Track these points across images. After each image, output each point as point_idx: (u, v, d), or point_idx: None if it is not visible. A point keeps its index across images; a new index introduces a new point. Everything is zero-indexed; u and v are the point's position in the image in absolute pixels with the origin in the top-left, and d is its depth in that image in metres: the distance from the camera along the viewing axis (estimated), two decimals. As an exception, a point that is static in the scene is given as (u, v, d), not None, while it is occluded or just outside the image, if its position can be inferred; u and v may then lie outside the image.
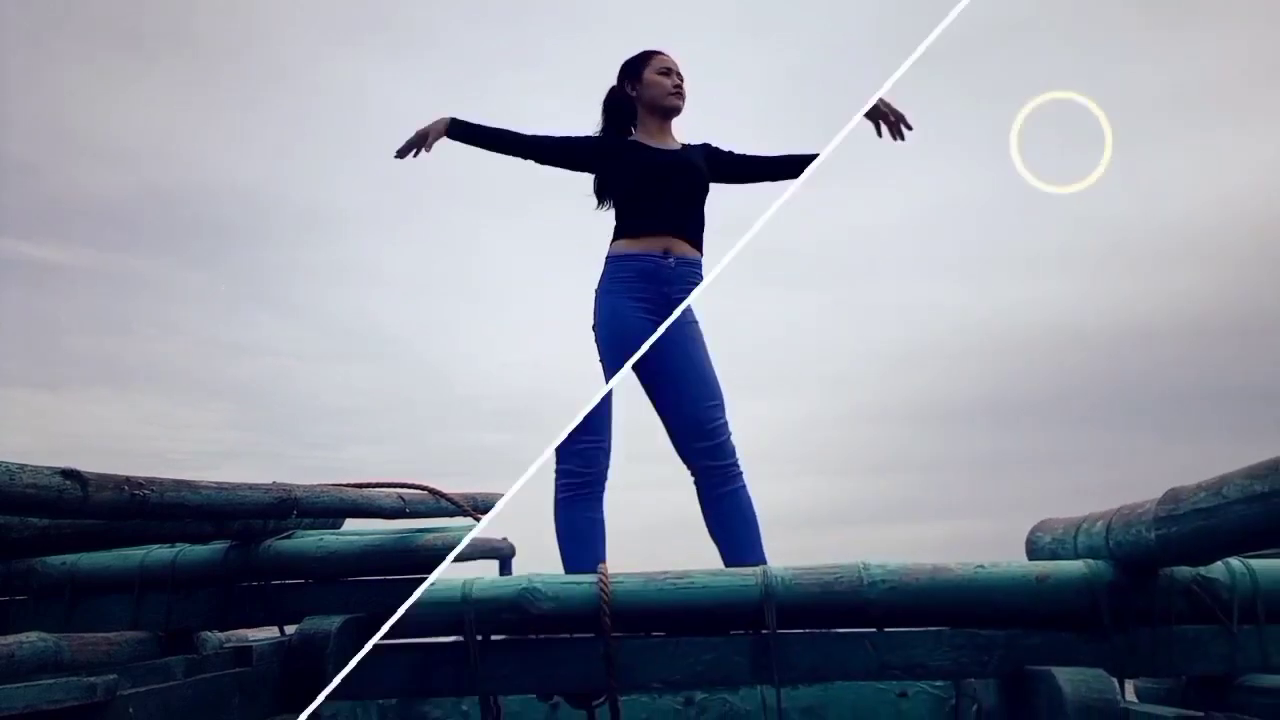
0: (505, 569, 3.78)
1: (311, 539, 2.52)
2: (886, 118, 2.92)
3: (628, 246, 3.09)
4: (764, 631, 1.97)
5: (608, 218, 3.13)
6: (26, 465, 1.64)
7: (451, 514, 2.83)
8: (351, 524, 2.82)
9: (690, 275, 3.08)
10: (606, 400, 2.80)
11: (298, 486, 2.33)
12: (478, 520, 2.70)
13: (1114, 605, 1.98)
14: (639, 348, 2.72)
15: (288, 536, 2.54)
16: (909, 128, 2.96)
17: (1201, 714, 1.73)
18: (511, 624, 2.01)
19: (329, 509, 2.47)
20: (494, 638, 2.05)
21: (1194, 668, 2.01)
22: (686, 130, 3.29)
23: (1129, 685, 2.01)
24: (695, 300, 2.93)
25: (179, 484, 2.00)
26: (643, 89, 3.25)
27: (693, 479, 2.72)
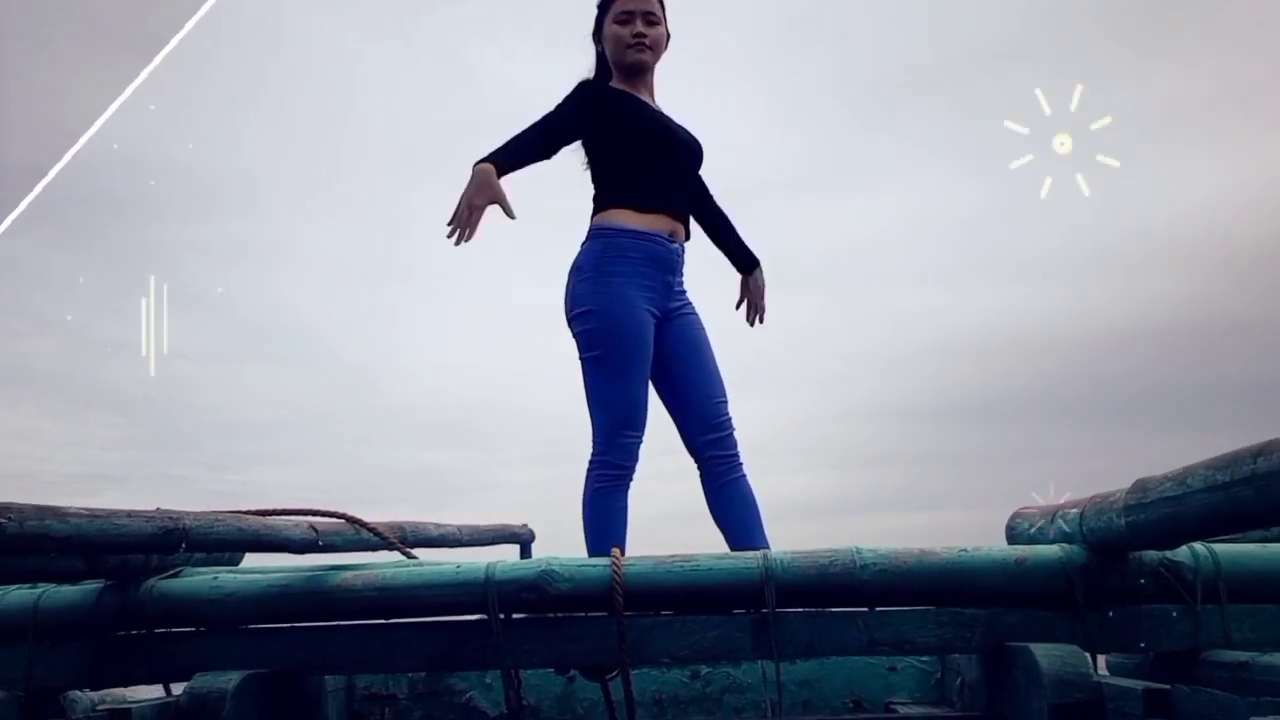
0: (525, 552, 4.40)
1: (204, 578, 2.31)
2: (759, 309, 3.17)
3: (633, 221, 2.85)
4: (764, 610, 2.14)
5: (565, 183, 2.95)
6: None
7: (375, 547, 2.66)
8: (253, 559, 2.63)
9: (683, 262, 2.99)
10: (639, 395, 2.83)
11: (187, 514, 2.12)
12: (408, 556, 2.44)
13: (1087, 586, 2.15)
14: (645, 342, 2.81)
15: (175, 575, 2.33)
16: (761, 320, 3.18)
17: (1168, 686, 1.86)
18: (531, 603, 2.17)
19: (225, 542, 2.26)
20: (515, 616, 2.21)
21: (1160, 644, 2.18)
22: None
23: (1101, 660, 2.19)
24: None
25: (42, 510, 1.79)
26: (605, 43, 2.99)
27: (698, 469, 2.89)
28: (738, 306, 3.13)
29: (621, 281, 2.75)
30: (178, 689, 2.15)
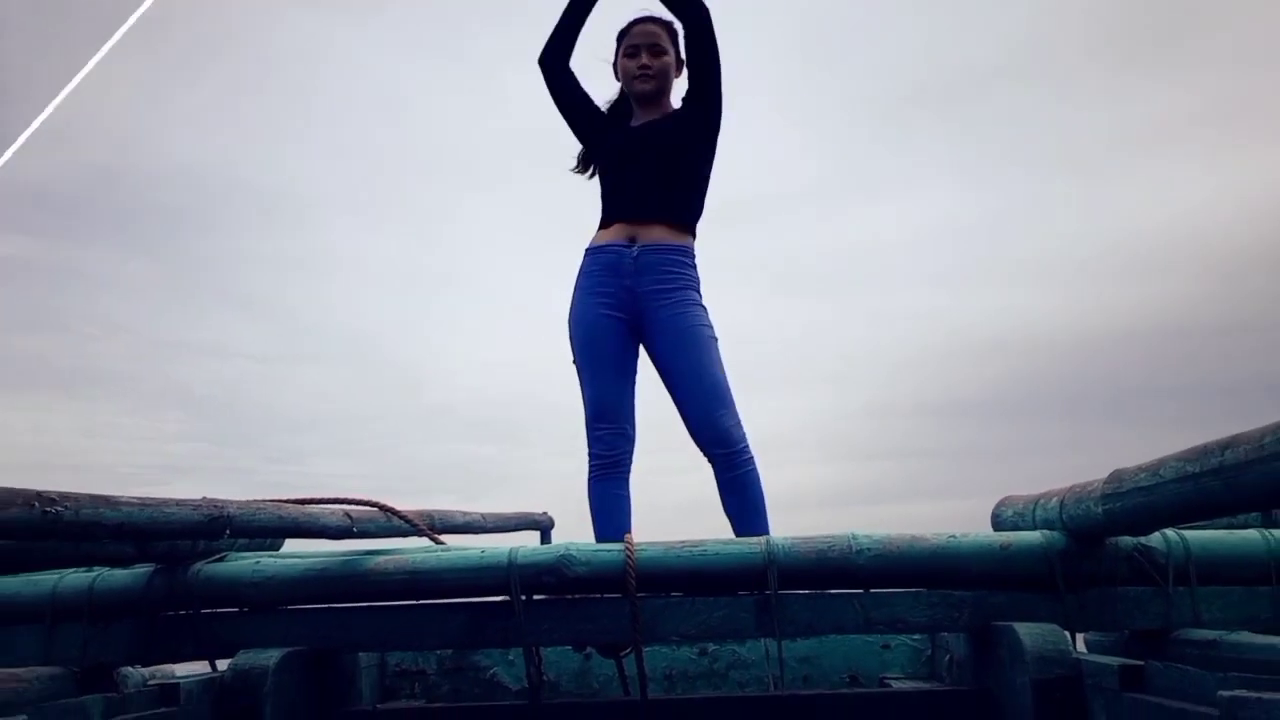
0: (545, 538, 4.48)
1: (247, 562, 2.33)
2: None
3: (597, 238, 3.02)
4: (767, 592, 2.19)
5: (593, 196, 3.06)
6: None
7: (406, 534, 2.67)
8: (292, 544, 2.63)
9: (663, 263, 2.93)
10: (604, 392, 2.91)
11: (231, 503, 2.14)
12: (436, 541, 2.42)
13: (1066, 570, 2.20)
14: (600, 344, 2.92)
15: (220, 559, 2.35)
16: None
17: (1141, 663, 1.86)
18: (550, 585, 2.20)
19: (267, 528, 2.26)
20: (535, 597, 2.24)
21: (1135, 623, 2.22)
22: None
23: (1079, 638, 2.24)
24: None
25: (96, 499, 1.80)
26: (618, 72, 3.10)
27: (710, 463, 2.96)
28: None
29: (580, 295, 2.93)
30: (222, 665, 2.16)
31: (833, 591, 2.23)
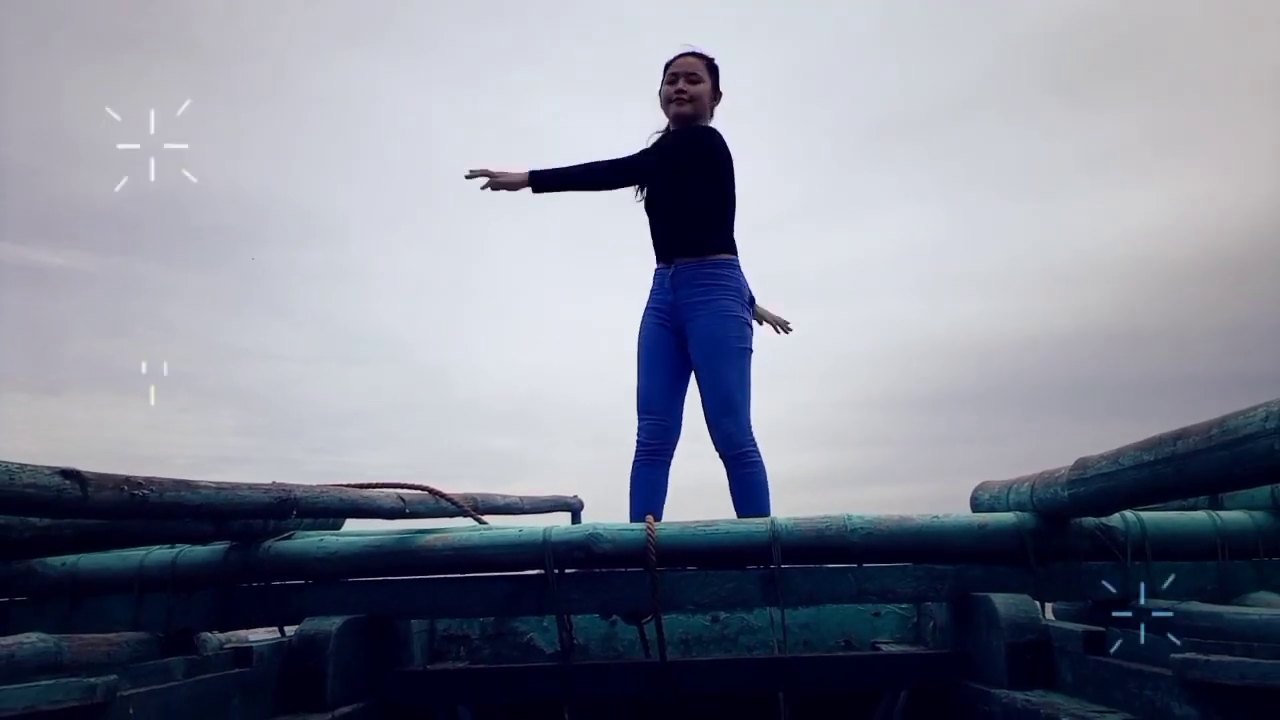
0: (576, 518, 4.55)
1: (312, 539, 2.35)
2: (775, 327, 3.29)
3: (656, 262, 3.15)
4: (772, 566, 2.22)
5: (613, 218, 3.12)
6: (26, 465, 1.48)
7: (451, 514, 2.68)
8: (351, 524, 2.64)
9: (696, 277, 2.99)
10: (647, 388, 3.01)
11: (297, 486, 2.15)
12: (479, 521, 2.43)
13: (1037, 546, 2.23)
14: (649, 348, 3.04)
15: (288, 537, 2.36)
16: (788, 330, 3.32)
17: (1103, 629, 1.89)
18: (580, 560, 2.23)
19: (329, 509, 2.28)
20: (567, 571, 2.27)
21: (1097, 594, 2.24)
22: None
23: (1048, 607, 2.26)
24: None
25: (178, 484, 1.83)
26: (661, 100, 3.13)
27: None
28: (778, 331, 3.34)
29: (645, 308, 3.08)
30: (290, 631, 2.18)
31: (830, 566, 2.26)
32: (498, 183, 2.89)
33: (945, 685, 2.19)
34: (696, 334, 2.92)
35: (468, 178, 2.89)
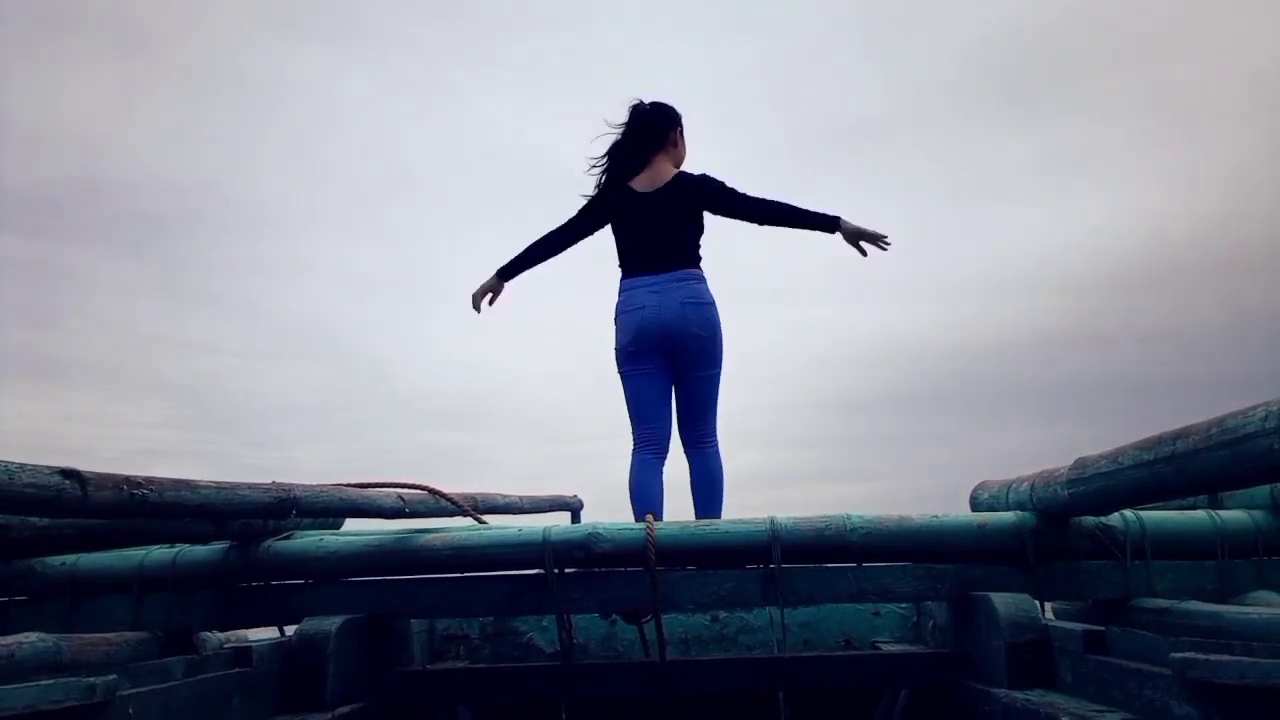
0: (575, 518, 4.54)
1: (311, 539, 2.35)
2: (875, 241, 2.99)
3: None
4: (771, 566, 2.22)
5: (551, 220, 3.18)
6: (26, 465, 1.48)
7: (451, 514, 2.69)
8: (351, 524, 2.65)
9: None
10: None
11: (297, 486, 2.15)
12: (479, 520, 2.42)
13: (1036, 546, 2.22)
14: None
15: (288, 537, 2.36)
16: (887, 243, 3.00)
17: (1102, 628, 1.88)
18: (580, 560, 2.22)
19: (329, 509, 2.28)
20: (567, 570, 2.26)
21: (1097, 593, 2.24)
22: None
23: (1048, 606, 2.25)
24: None
25: (178, 483, 1.83)
26: (681, 145, 3.22)
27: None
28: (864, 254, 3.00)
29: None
30: (290, 630, 2.18)
31: (829, 565, 2.25)
32: (478, 295, 3.15)
33: (945, 685, 2.19)
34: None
35: (473, 306, 3.16)
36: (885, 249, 2.94)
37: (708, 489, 2.93)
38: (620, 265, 3.07)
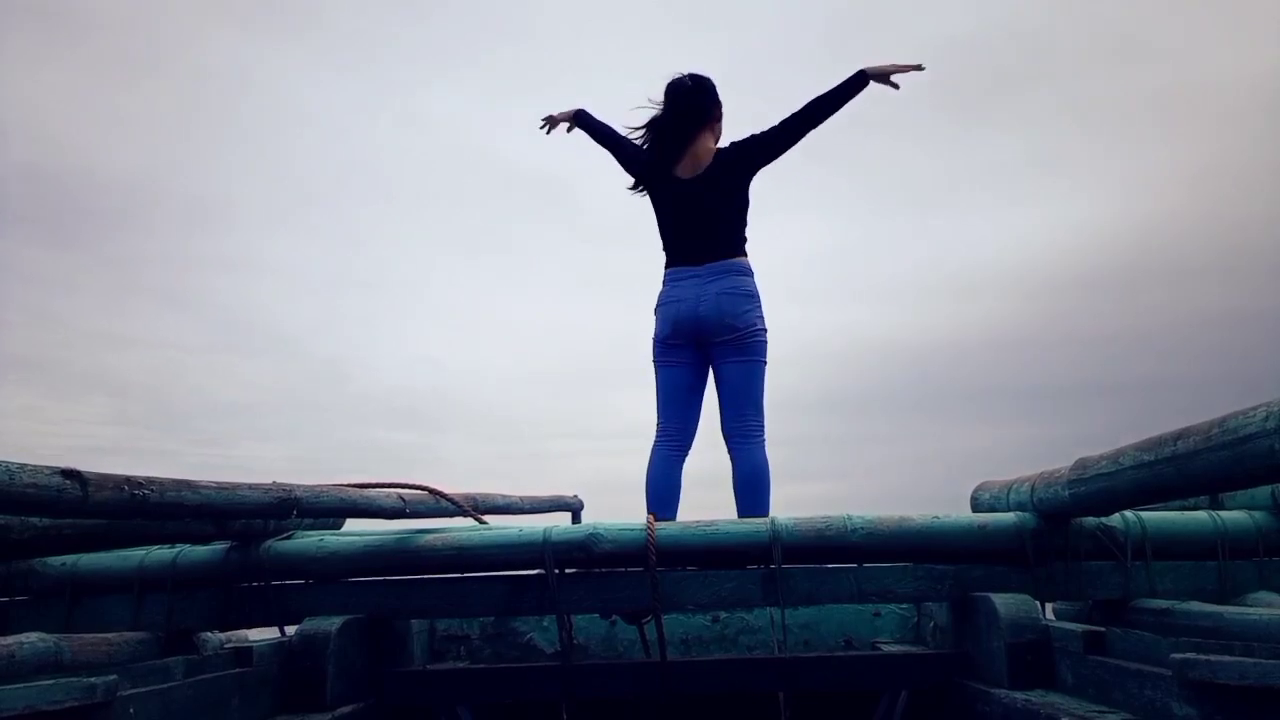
0: (576, 519, 4.54)
1: (312, 539, 2.34)
2: (906, 70, 2.95)
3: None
4: (772, 566, 2.21)
5: (503, 216, 3.21)
6: (26, 465, 1.48)
7: (451, 514, 2.69)
8: (351, 524, 2.64)
9: None
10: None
11: (297, 486, 2.15)
12: (479, 521, 2.43)
13: (1037, 546, 2.22)
14: None
15: (288, 537, 2.35)
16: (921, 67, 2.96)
17: (1103, 629, 1.88)
18: (580, 560, 2.22)
19: (329, 509, 2.29)
20: (567, 571, 2.26)
21: (1097, 593, 2.24)
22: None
23: (1048, 607, 2.25)
24: None
25: (178, 483, 1.83)
26: (719, 121, 3.15)
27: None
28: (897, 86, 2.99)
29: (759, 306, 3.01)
30: (290, 630, 2.17)
31: (830, 565, 2.25)
32: (553, 118, 3.25)
33: (945, 685, 2.18)
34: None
35: (540, 128, 3.29)
36: (922, 70, 2.91)
37: (749, 486, 2.86)
38: (665, 252, 3.06)
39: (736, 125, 3.08)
